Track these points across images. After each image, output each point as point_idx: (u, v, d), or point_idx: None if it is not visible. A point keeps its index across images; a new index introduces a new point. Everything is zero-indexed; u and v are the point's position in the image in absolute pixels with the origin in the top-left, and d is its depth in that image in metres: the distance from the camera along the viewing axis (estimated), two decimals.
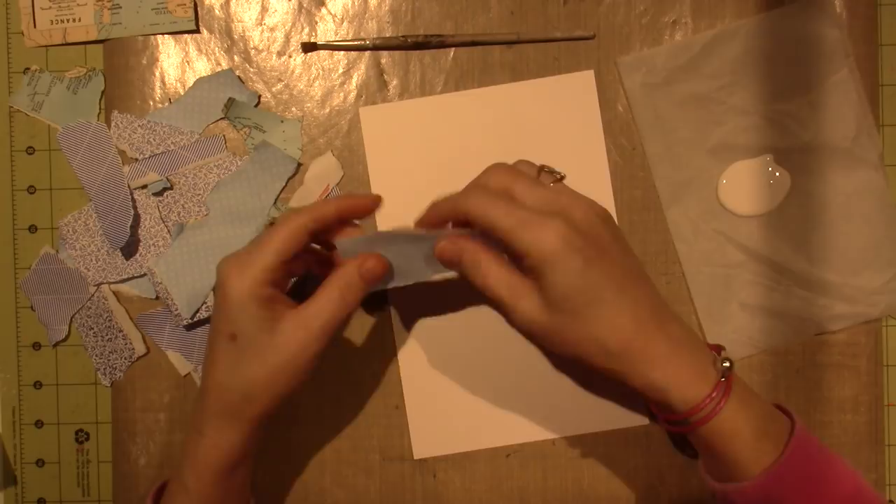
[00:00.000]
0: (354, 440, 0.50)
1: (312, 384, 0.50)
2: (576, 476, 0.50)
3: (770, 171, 0.49)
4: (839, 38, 0.48)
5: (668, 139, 0.49)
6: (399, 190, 0.49)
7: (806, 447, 0.38)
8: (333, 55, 0.50)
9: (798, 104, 0.48)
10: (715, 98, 0.49)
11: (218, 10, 0.50)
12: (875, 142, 0.49)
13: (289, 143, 0.49)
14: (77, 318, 0.50)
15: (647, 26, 0.49)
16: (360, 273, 0.40)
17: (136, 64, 0.50)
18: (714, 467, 0.41)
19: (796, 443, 0.38)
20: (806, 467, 0.38)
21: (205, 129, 0.49)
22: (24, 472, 0.51)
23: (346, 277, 0.40)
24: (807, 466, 0.38)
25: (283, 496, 0.50)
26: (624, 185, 0.49)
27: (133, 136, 0.49)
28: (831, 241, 0.49)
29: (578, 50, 0.49)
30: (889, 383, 0.50)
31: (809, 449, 0.39)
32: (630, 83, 0.49)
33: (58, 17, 0.49)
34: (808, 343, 0.49)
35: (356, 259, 0.40)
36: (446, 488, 0.50)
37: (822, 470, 0.38)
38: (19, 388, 0.51)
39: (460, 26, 0.49)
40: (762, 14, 0.49)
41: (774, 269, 0.49)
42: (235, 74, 0.49)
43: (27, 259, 0.50)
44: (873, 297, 0.49)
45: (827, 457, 0.39)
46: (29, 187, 0.51)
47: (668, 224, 0.49)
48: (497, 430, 0.50)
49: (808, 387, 0.49)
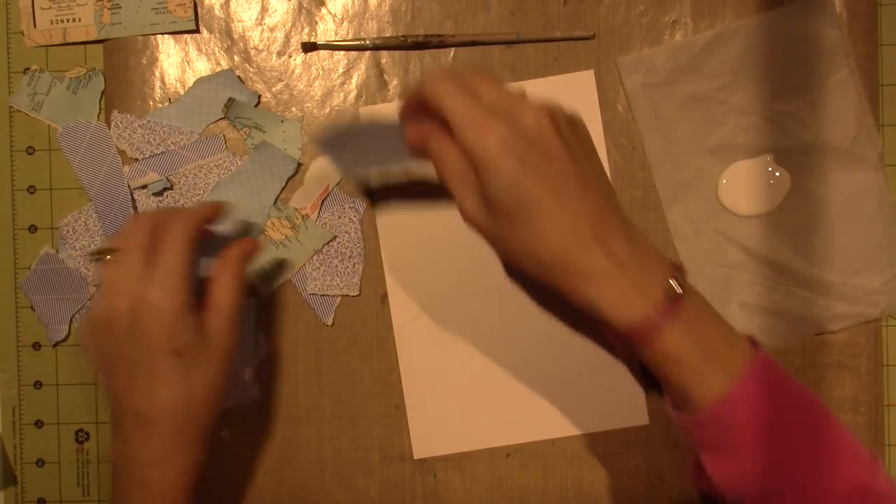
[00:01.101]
0: (354, 440, 0.50)
1: (312, 384, 0.50)
2: (576, 476, 0.50)
3: (770, 171, 0.49)
4: (839, 38, 0.48)
5: (668, 139, 0.49)
6: (399, 189, 0.49)
7: (766, 375, 0.37)
8: (333, 55, 0.50)
9: (798, 104, 0.48)
10: (715, 98, 0.49)
11: (218, 10, 0.50)
12: (875, 142, 0.49)
13: (289, 142, 0.49)
14: (77, 318, 0.50)
15: (647, 26, 0.49)
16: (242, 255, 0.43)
17: (136, 64, 0.50)
18: (672, 397, 0.40)
19: (753, 370, 0.37)
20: (763, 396, 0.37)
21: (205, 129, 0.49)
22: (24, 472, 0.51)
23: (232, 263, 0.43)
24: (764, 395, 0.37)
25: (283, 496, 0.50)
26: (624, 185, 0.49)
27: (133, 136, 0.49)
28: (831, 241, 0.49)
29: (578, 50, 0.49)
30: (889, 383, 0.50)
31: (770, 377, 0.37)
32: (630, 83, 0.49)
33: (58, 17, 0.49)
34: (808, 343, 0.49)
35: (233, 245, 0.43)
36: (446, 488, 0.50)
37: (782, 399, 0.37)
38: (19, 388, 0.51)
39: (460, 26, 0.49)
40: (762, 14, 0.49)
41: (774, 269, 0.49)
42: (235, 74, 0.49)
43: (27, 259, 0.50)
44: (873, 297, 0.49)
45: (792, 387, 0.38)
46: (29, 187, 0.51)
47: (668, 224, 0.49)
48: (497, 430, 0.50)
49: (808, 387, 0.49)
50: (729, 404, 0.37)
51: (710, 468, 0.39)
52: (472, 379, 0.49)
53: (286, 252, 0.49)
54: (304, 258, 0.49)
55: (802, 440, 0.37)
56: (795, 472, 0.37)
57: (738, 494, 0.38)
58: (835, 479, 0.37)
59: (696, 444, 0.40)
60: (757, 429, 0.37)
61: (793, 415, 0.37)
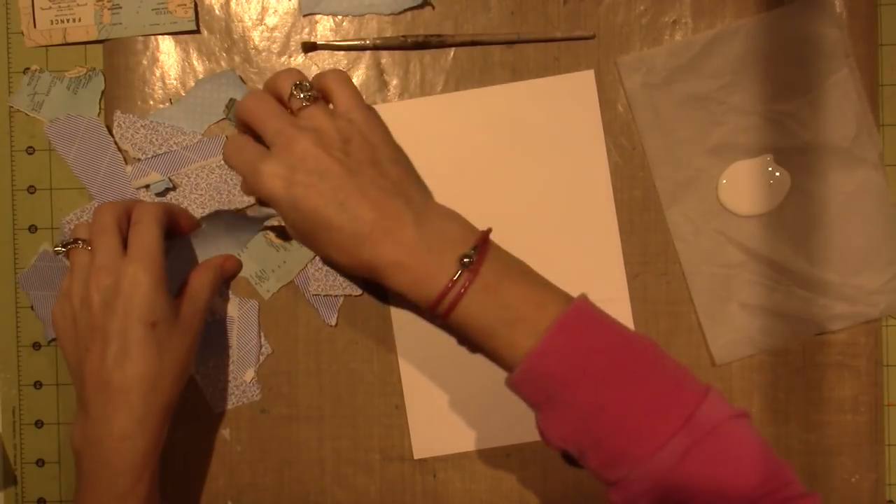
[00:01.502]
0: (354, 440, 0.50)
1: (312, 384, 0.50)
2: (576, 476, 0.50)
3: (770, 171, 0.49)
4: (839, 38, 0.48)
5: (668, 139, 0.49)
6: None
7: (576, 325, 0.38)
8: (333, 55, 0.50)
9: (798, 104, 0.48)
10: (715, 98, 0.49)
11: (218, 10, 0.50)
12: (875, 142, 0.49)
13: None
14: None
15: (647, 26, 0.49)
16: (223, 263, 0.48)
17: (136, 64, 0.50)
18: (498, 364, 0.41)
19: (562, 322, 0.38)
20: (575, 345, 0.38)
21: (206, 129, 0.49)
22: (24, 472, 0.51)
23: (214, 267, 0.48)
24: (577, 344, 0.38)
25: (283, 496, 0.50)
26: (624, 185, 0.49)
27: (136, 137, 0.49)
28: (831, 241, 0.49)
29: (578, 50, 0.49)
30: (889, 383, 0.50)
31: (581, 326, 0.38)
32: (630, 83, 0.49)
33: (58, 17, 0.49)
34: (808, 343, 0.49)
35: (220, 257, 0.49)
36: (446, 488, 0.50)
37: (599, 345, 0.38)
38: (19, 388, 0.51)
39: (460, 26, 0.49)
40: (762, 14, 0.49)
41: (774, 269, 0.49)
42: (236, 74, 0.49)
43: (27, 259, 0.50)
44: (873, 297, 0.49)
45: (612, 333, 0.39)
46: (29, 187, 0.51)
47: (668, 224, 0.49)
48: (497, 430, 0.50)
49: (808, 387, 0.49)
50: (538, 357, 0.38)
51: (540, 426, 0.40)
52: (472, 379, 0.49)
53: (287, 254, 0.49)
54: (305, 259, 0.49)
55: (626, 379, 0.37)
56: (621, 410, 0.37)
57: (575, 447, 0.39)
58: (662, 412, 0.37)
59: (527, 403, 0.40)
60: (571, 375, 0.37)
61: (612, 357, 0.38)
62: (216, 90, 0.49)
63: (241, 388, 0.50)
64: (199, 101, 0.49)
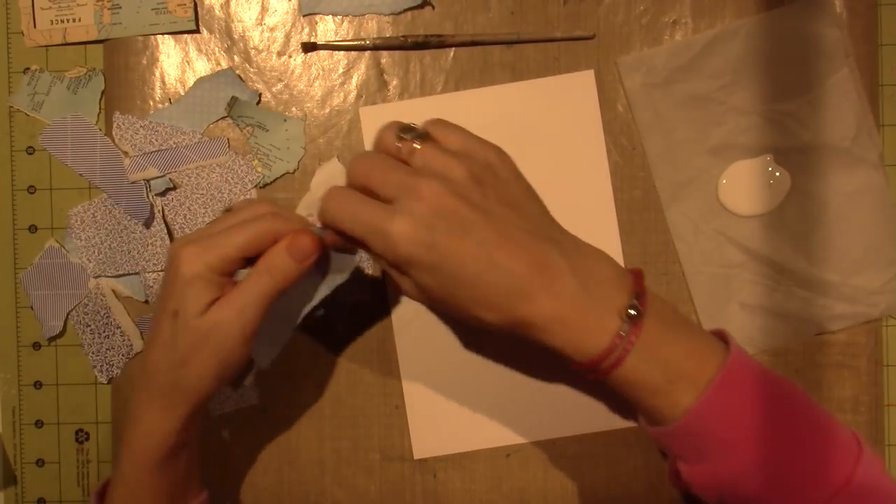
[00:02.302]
0: (354, 440, 0.50)
1: (312, 384, 0.50)
2: (576, 476, 0.50)
3: (770, 171, 0.49)
4: (839, 38, 0.48)
5: (668, 139, 0.49)
6: None
7: (734, 380, 0.37)
8: (333, 55, 0.50)
9: (798, 104, 0.48)
10: (715, 98, 0.49)
11: (218, 10, 0.50)
12: (875, 142, 0.49)
13: (292, 141, 0.49)
14: (74, 314, 0.50)
15: (647, 26, 0.49)
16: (289, 251, 0.39)
17: (136, 64, 0.50)
18: (643, 416, 0.40)
19: (721, 379, 0.37)
20: (733, 402, 0.37)
21: (206, 128, 0.49)
22: (24, 472, 0.51)
23: (273, 257, 0.39)
24: (734, 401, 0.37)
25: (283, 496, 0.50)
26: (624, 185, 0.49)
27: (135, 137, 0.49)
28: (831, 241, 0.49)
29: (578, 50, 0.49)
30: (889, 383, 0.50)
31: (739, 382, 0.37)
32: (630, 83, 0.49)
33: (58, 17, 0.49)
34: (808, 343, 0.49)
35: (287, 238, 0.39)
36: (446, 488, 0.50)
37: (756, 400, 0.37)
38: (19, 388, 0.51)
39: (460, 26, 0.49)
40: (762, 14, 0.49)
41: (774, 269, 0.49)
42: (236, 73, 0.49)
43: (27, 259, 0.50)
44: (873, 297, 0.49)
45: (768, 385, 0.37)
46: (29, 187, 0.51)
47: (668, 224, 0.49)
48: (497, 430, 0.50)
49: (808, 387, 0.49)
50: (697, 416, 0.37)
51: (687, 476, 0.39)
52: (472, 379, 0.49)
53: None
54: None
55: (782, 438, 0.37)
56: (777, 471, 0.37)
57: (718, 498, 0.38)
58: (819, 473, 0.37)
59: (672, 453, 0.40)
60: (729, 435, 0.37)
61: (769, 413, 0.37)
62: (216, 89, 0.49)
63: (239, 392, 0.50)
64: (199, 101, 0.49)
